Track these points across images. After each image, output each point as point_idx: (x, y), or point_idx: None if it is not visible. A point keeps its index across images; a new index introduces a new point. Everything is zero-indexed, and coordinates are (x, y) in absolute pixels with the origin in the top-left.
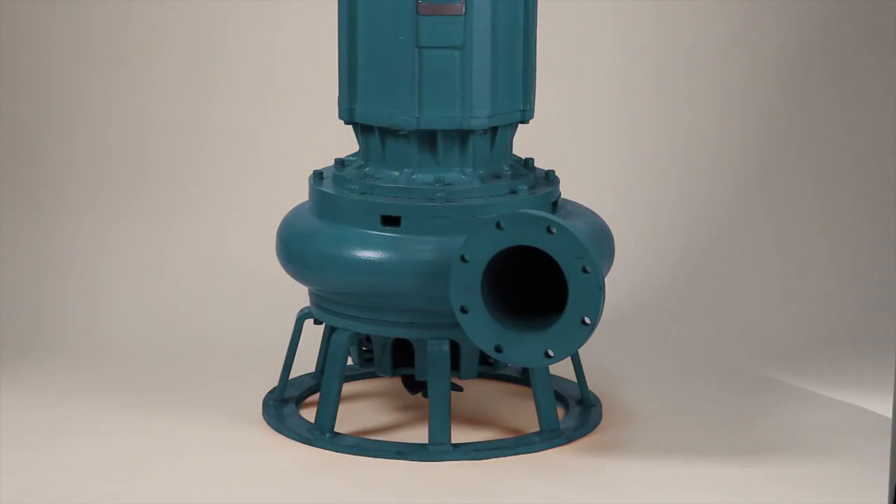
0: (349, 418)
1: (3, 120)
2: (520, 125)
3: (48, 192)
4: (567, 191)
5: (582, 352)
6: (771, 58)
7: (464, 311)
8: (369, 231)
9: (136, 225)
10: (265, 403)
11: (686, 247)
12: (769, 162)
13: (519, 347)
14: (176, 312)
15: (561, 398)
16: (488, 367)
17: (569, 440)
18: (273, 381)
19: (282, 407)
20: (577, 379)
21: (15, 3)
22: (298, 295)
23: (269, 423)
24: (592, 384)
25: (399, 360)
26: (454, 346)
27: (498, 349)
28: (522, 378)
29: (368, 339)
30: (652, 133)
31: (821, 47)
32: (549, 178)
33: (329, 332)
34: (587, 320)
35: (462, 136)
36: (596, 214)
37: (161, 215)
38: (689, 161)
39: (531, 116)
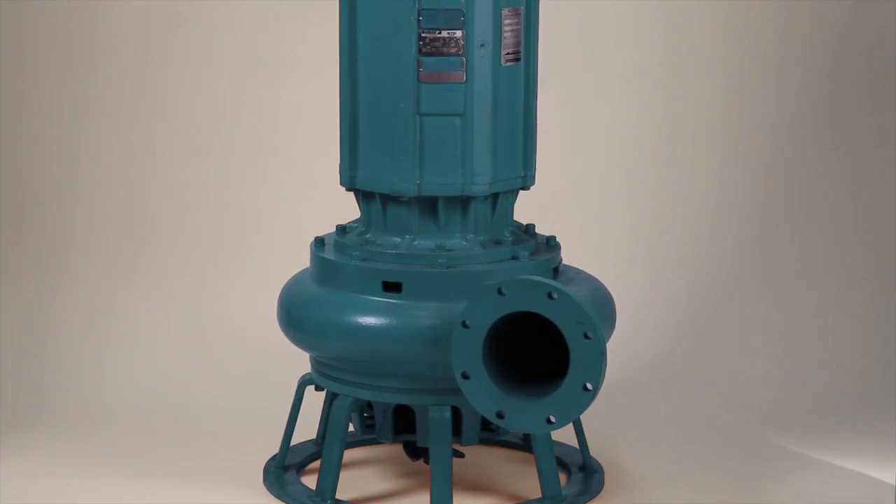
0: (350, 485)
1: (4, 186)
2: (521, 191)
3: (48, 260)
4: (568, 256)
5: (584, 417)
6: (771, 124)
7: (465, 377)
8: (371, 297)
9: (137, 292)
10: (266, 470)
11: (687, 313)
12: (770, 228)
13: (520, 413)
14: (177, 379)
15: (563, 464)
16: (490, 433)
17: None
18: (274, 447)
19: (283, 474)
20: (580, 445)
21: (16, 68)
22: (300, 361)
23: (270, 490)
24: (595, 450)
25: (400, 427)
26: (455, 412)
27: (499, 415)
28: (524, 444)
29: (370, 405)
30: (653, 199)
31: (821, 114)
32: (551, 244)
33: (330, 399)
34: (589, 386)
35: (463, 202)
36: (597, 280)
37: (162, 282)
38: (690, 227)
39: (532, 183)
